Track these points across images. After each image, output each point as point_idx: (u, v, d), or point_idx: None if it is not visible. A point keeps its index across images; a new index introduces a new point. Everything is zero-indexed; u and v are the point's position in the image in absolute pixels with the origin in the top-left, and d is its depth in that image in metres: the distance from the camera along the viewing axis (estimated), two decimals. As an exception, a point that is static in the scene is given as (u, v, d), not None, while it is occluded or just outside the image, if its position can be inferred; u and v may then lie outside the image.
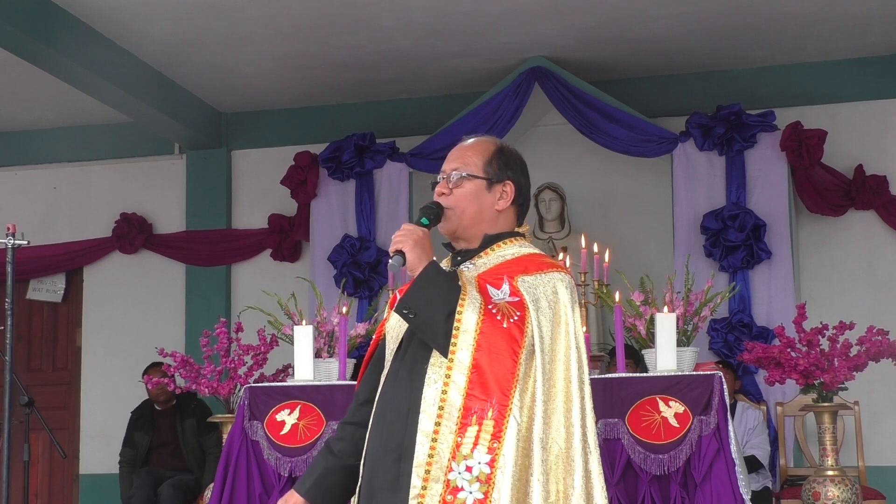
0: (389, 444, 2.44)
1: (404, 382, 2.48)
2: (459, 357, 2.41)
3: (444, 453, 2.38)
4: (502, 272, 2.54)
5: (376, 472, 2.47)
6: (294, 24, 6.52)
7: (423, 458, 2.38)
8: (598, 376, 4.69)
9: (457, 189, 2.61)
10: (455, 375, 2.41)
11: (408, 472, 2.39)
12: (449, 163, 2.65)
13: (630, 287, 5.10)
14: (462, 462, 2.37)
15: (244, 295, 7.77)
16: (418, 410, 2.41)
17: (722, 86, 7.39)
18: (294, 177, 7.57)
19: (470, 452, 2.37)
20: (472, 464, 2.36)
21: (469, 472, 2.36)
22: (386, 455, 2.45)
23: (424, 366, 2.45)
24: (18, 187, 8.56)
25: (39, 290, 8.43)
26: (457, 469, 2.37)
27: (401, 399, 2.46)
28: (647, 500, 4.39)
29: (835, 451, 4.94)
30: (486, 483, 2.35)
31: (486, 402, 2.39)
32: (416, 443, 2.39)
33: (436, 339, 2.44)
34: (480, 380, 2.40)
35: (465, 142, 2.70)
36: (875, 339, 4.88)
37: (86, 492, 8.18)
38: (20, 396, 5.22)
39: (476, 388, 2.39)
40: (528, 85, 7.06)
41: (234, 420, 5.07)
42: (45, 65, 6.39)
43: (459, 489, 2.36)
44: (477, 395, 2.39)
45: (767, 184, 6.93)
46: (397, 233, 2.50)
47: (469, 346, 2.41)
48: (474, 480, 2.36)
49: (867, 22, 6.66)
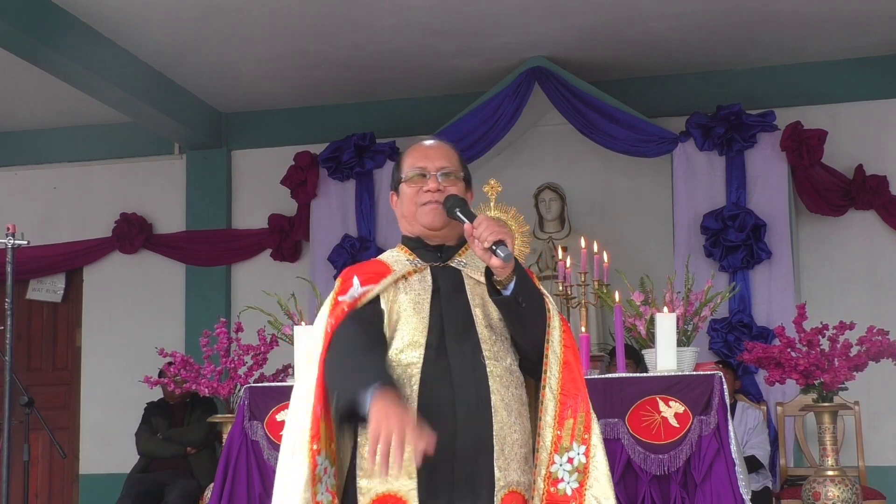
0: (465, 441, 2.43)
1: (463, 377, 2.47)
2: (553, 353, 2.53)
3: (547, 447, 2.50)
4: None
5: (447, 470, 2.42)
6: (294, 24, 6.52)
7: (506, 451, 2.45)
8: (598, 376, 4.69)
9: (451, 187, 2.63)
10: (551, 371, 2.53)
11: (487, 467, 2.43)
12: (432, 161, 2.65)
13: (630, 287, 5.10)
14: (564, 454, 2.50)
15: (244, 295, 7.77)
16: (490, 405, 2.45)
17: (722, 86, 7.39)
18: (294, 177, 7.57)
19: (570, 444, 2.51)
20: (573, 455, 2.50)
21: (570, 464, 2.50)
22: (463, 452, 2.43)
23: (478, 358, 2.50)
24: (18, 187, 8.56)
25: (39, 290, 8.43)
26: (559, 462, 2.50)
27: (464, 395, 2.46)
28: (647, 500, 4.39)
29: (835, 451, 4.94)
30: (582, 472, 2.50)
31: (577, 397, 2.53)
32: (493, 437, 2.44)
33: (536, 331, 2.54)
34: (571, 375, 2.54)
35: (433, 143, 2.72)
36: (875, 339, 4.88)
37: (86, 492, 8.18)
38: (20, 396, 5.22)
39: (569, 384, 2.53)
40: (528, 85, 7.06)
41: (234, 420, 5.07)
42: (45, 65, 6.39)
43: (560, 480, 2.49)
44: (570, 390, 2.53)
45: (767, 184, 6.93)
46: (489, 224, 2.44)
47: (559, 342, 2.55)
48: (574, 471, 2.50)
49: (867, 22, 6.66)
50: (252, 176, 8.18)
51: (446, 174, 2.64)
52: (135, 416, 7.12)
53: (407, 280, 2.61)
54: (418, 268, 2.63)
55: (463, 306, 2.57)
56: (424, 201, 2.62)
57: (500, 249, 2.42)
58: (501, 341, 2.56)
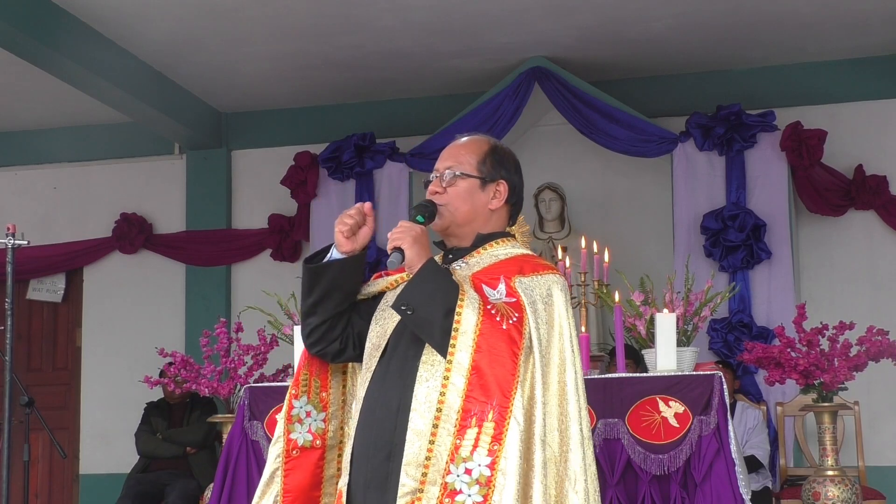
0: (379, 442, 2.43)
1: (394, 380, 2.46)
2: (458, 359, 2.37)
3: (441, 456, 2.34)
4: (498, 272, 2.53)
5: (365, 470, 2.46)
6: (294, 24, 6.52)
7: (412, 456, 2.36)
8: (598, 376, 4.69)
9: (451, 188, 2.60)
10: (454, 377, 2.37)
11: (397, 470, 2.38)
12: (443, 161, 2.64)
13: (630, 287, 5.09)
14: (461, 464, 2.33)
15: (244, 295, 7.77)
16: (409, 409, 2.40)
17: (722, 86, 7.39)
18: (294, 177, 7.57)
19: (469, 455, 2.33)
20: (472, 466, 2.32)
21: (468, 475, 2.32)
22: (376, 453, 2.44)
23: (416, 363, 2.44)
24: (18, 187, 8.56)
25: (39, 290, 8.43)
26: (455, 472, 2.33)
27: (390, 397, 2.45)
28: (647, 500, 4.39)
29: (835, 451, 4.94)
30: (486, 486, 2.31)
31: (487, 405, 2.35)
32: (405, 441, 2.38)
33: (433, 337, 2.42)
34: (480, 381, 2.36)
35: (459, 140, 2.69)
36: (875, 339, 4.88)
37: (86, 492, 8.18)
38: (20, 396, 5.22)
39: (476, 390, 2.36)
40: (528, 85, 7.05)
41: (234, 420, 5.07)
42: (45, 65, 6.39)
43: (458, 492, 2.32)
44: (477, 396, 2.35)
45: (767, 184, 6.93)
46: (395, 230, 2.49)
47: (468, 347, 2.37)
48: (474, 483, 2.31)
49: (867, 22, 6.66)
50: (252, 176, 8.18)
51: (450, 175, 2.61)
52: (135, 416, 7.12)
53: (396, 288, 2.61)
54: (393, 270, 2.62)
55: None
56: None
57: (393, 255, 2.46)
58: None
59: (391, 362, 2.50)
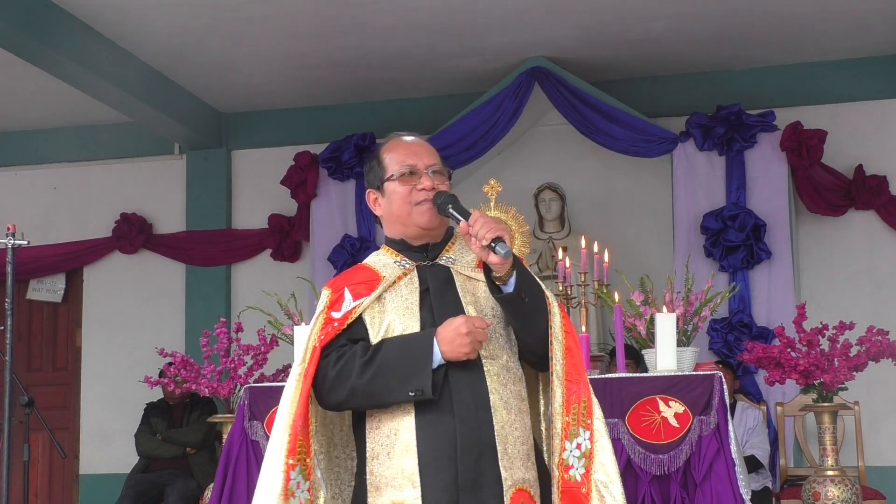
0: (465, 444, 2.40)
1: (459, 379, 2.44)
2: (557, 342, 2.50)
3: (557, 434, 2.49)
4: None
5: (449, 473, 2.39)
6: (294, 23, 6.52)
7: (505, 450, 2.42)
8: (598, 376, 4.69)
9: (441, 185, 2.59)
10: (556, 359, 2.49)
11: (491, 468, 2.40)
12: (421, 158, 2.60)
13: (630, 287, 5.10)
14: (574, 440, 2.48)
15: (244, 295, 7.77)
16: (489, 406, 2.43)
17: (722, 86, 7.39)
18: (294, 177, 7.57)
19: (577, 430, 2.48)
20: (581, 441, 2.47)
21: (578, 450, 2.47)
22: (464, 455, 2.40)
23: (478, 362, 2.46)
24: (18, 187, 8.56)
25: (39, 290, 8.43)
26: (570, 448, 2.48)
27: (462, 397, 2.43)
28: (647, 500, 4.39)
29: (835, 451, 4.94)
30: (588, 458, 2.46)
31: (580, 383, 2.50)
32: (495, 437, 2.42)
33: (539, 324, 2.50)
34: (573, 361, 2.51)
35: (414, 139, 2.67)
36: (875, 339, 4.88)
37: (86, 492, 8.18)
38: (20, 396, 5.22)
39: (572, 370, 2.50)
40: (528, 85, 7.06)
41: (234, 420, 5.07)
42: (45, 65, 6.39)
43: (571, 466, 2.47)
44: (573, 376, 2.50)
45: (767, 184, 6.93)
46: (486, 221, 2.43)
47: (560, 329, 2.52)
48: (581, 456, 2.46)
49: (867, 22, 6.66)
50: (252, 176, 8.18)
51: (436, 171, 2.59)
52: (135, 416, 7.13)
53: (395, 285, 2.57)
54: (406, 270, 2.58)
55: (454, 304, 2.52)
56: (419, 200, 2.56)
57: (500, 246, 2.39)
58: (496, 338, 2.51)
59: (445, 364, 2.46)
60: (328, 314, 2.57)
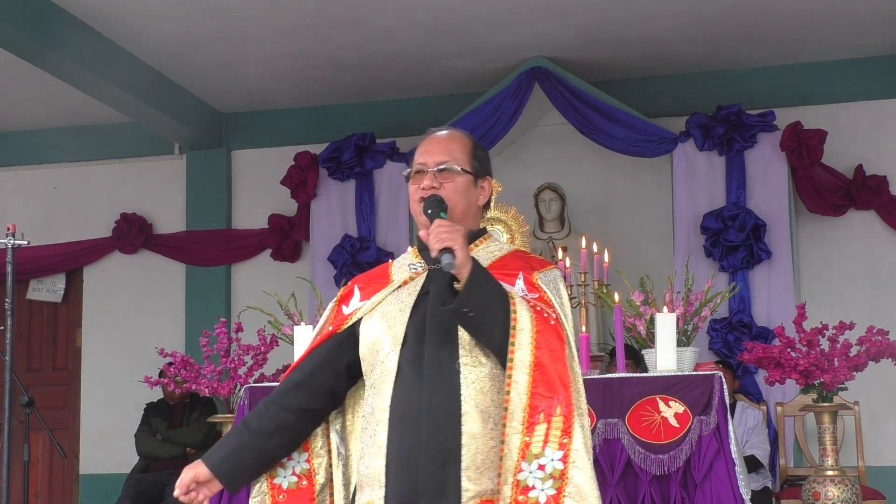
0: (430, 450, 2.37)
1: (435, 384, 2.40)
2: (519, 356, 2.35)
3: (512, 454, 2.33)
4: (505, 268, 2.50)
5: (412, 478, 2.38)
6: (294, 24, 6.52)
7: (471, 460, 2.34)
8: (598, 376, 4.69)
9: (448, 183, 2.53)
10: (516, 375, 2.35)
11: (455, 476, 2.34)
12: (431, 155, 2.55)
13: (630, 287, 5.09)
14: (533, 461, 2.32)
15: (244, 295, 7.77)
16: (460, 413, 2.36)
17: (722, 86, 7.39)
18: (294, 177, 7.57)
19: (541, 451, 2.32)
20: (545, 462, 2.32)
21: (542, 471, 2.31)
22: (428, 461, 2.37)
23: (453, 366, 2.40)
24: (18, 187, 8.56)
25: (39, 290, 8.43)
26: (527, 469, 2.32)
27: (433, 402, 2.39)
28: (647, 500, 4.39)
29: (835, 451, 4.94)
30: (559, 479, 2.31)
31: (553, 399, 2.34)
32: (461, 446, 2.35)
33: (492, 338, 2.38)
34: (544, 378, 2.35)
35: (439, 134, 2.61)
36: (875, 339, 4.88)
37: (86, 492, 8.18)
38: (20, 396, 5.22)
39: (541, 386, 2.34)
40: (527, 85, 7.06)
41: (234, 420, 5.07)
42: (45, 65, 6.39)
43: (531, 488, 2.31)
44: (542, 392, 2.34)
45: (767, 184, 6.93)
46: (439, 229, 2.37)
47: (528, 344, 2.36)
48: (547, 478, 2.31)
49: (867, 22, 6.67)
50: (252, 176, 8.18)
51: (443, 170, 2.53)
52: (135, 416, 7.13)
53: (401, 288, 2.56)
54: (417, 272, 2.56)
55: None
56: (419, 199, 2.54)
57: (444, 257, 2.33)
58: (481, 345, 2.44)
59: (416, 368, 2.43)
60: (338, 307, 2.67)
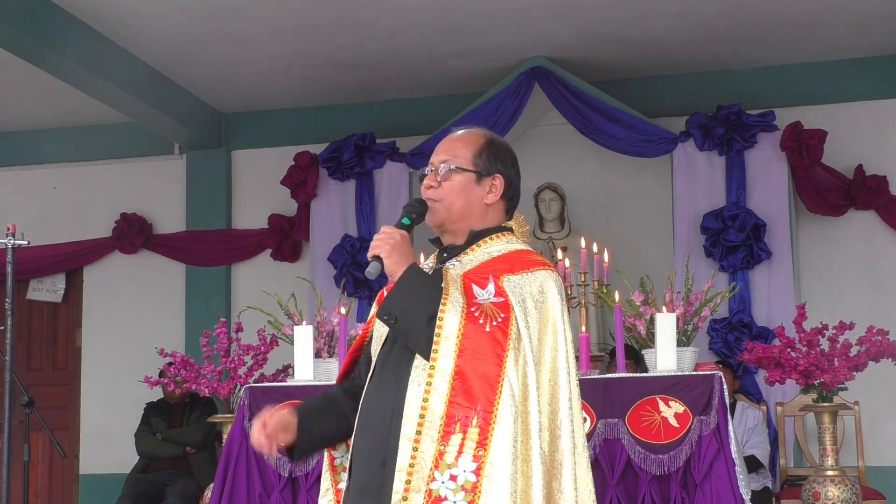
0: (375, 449, 2.40)
1: (389, 385, 2.42)
2: (441, 364, 2.33)
3: (426, 462, 2.30)
4: (488, 271, 2.47)
5: (362, 476, 2.43)
6: (294, 24, 6.52)
7: (406, 463, 2.32)
8: (598, 376, 4.69)
9: (445, 182, 2.54)
10: (437, 383, 2.32)
11: (391, 476, 2.33)
12: (437, 154, 2.57)
13: (630, 287, 5.09)
14: (446, 471, 2.29)
15: (244, 295, 7.77)
16: (402, 414, 2.35)
17: (722, 86, 7.39)
18: (294, 177, 7.57)
19: (454, 461, 2.29)
20: (457, 472, 2.29)
21: (454, 482, 2.29)
22: (372, 459, 2.40)
23: (409, 368, 2.39)
24: (18, 187, 8.56)
25: (39, 290, 8.43)
26: (440, 478, 2.29)
27: (385, 402, 2.41)
28: (647, 500, 4.39)
29: (835, 451, 4.94)
30: (471, 492, 2.28)
31: (471, 410, 2.31)
32: (398, 447, 2.33)
33: (418, 344, 2.38)
34: (464, 387, 2.32)
35: (455, 133, 2.63)
36: (875, 339, 4.88)
37: (86, 492, 8.18)
38: (20, 396, 5.22)
39: (459, 396, 2.31)
40: (527, 85, 7.06)
41: (234, 420, 5.07)
42: (45, 65, 6.39)
43: (443, 498, 2.28)
44: (460, 402, 2.31)
45: (767, 184, 6.93)
46: (375, 237, 2.44)
47: (451, 352, 2.33)
48: (459, 489, 2.28)
49: (867, 22, 6.67)
50: (252, 176, 8.18)
51: (445, 169, 2.54)
52: (135, 416, 7.13)
53: None
54: None
55: None
56: None
57: (372, 265, 2.42)
58: None
59: (385, 368, 2.47)
60: None
